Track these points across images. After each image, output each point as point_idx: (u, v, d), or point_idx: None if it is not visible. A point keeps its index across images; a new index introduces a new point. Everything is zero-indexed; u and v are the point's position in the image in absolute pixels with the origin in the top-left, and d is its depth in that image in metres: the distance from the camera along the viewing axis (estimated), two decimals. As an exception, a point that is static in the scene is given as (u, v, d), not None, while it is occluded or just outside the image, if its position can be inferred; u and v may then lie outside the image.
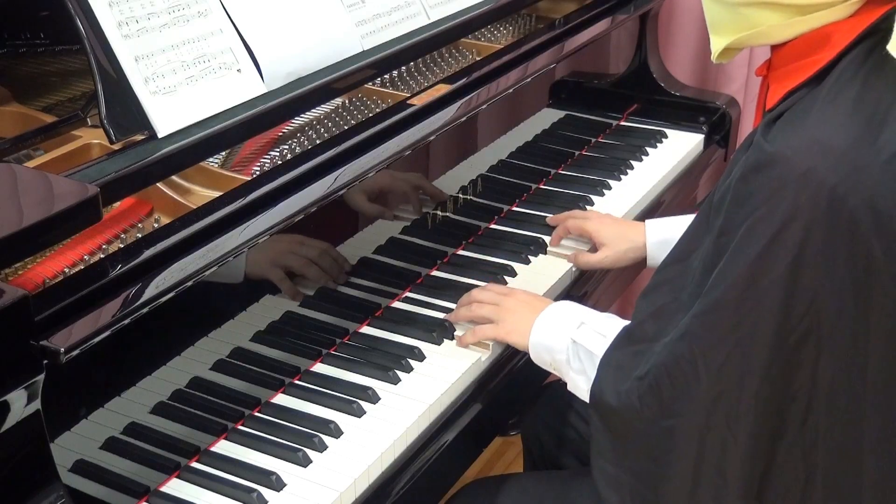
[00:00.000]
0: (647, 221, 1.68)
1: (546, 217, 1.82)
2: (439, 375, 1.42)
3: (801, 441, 1.08)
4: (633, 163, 2.03)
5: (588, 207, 1.87)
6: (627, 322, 1.30)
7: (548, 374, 1.44)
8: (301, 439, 1.29)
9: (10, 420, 1.00)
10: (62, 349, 1.03)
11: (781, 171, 1.02)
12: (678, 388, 1.11)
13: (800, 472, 1.09)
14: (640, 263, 1.69)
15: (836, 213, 0.99)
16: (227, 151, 1.39)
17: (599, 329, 1.33)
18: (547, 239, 1.75)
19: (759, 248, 1.03)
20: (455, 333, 1.50)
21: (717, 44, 1.18)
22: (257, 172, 1.35)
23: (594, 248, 1.71)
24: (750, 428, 1.08)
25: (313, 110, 1.50)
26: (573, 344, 1.34)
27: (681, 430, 1.13)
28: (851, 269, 1.00)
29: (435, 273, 1.66)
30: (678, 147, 2.12)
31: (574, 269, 1.70)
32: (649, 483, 1.17)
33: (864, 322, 1.02)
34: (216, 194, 1.27)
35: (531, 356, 1.42)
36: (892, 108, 1.01)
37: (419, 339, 1.48)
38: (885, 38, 1.02)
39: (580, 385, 1.33)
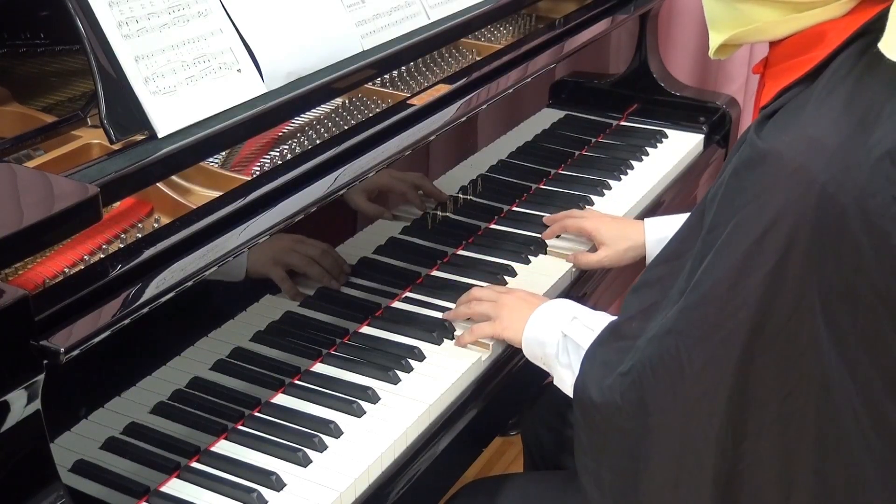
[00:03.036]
0: (646, 220, 1.68)
1: (546, 217, 1.82)
2: (439, 375, 1.42)
3: (791, 439, 1.07)
4: (633, 163, 2.03)
5: (588, 207, 1.87)
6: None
7: (548, 374, 1.44)
8: (301, 439, 1.29)
9: (10, 420, 1.00)
10: (62, 349, 1.03)
11: (772, 168, 1.02)
12: (661, 385, 1.11)
13: (778, 472, 1.09)
14: (640, 263, 1.69)
15: (825, 211, 0.99)
16: (227, 151, 1.39)
17: (589, 324, 1.33)
18: (548, 239, 1.75)
19: (747, 245, 1.03)
20: (455, 334, 1.50)
21: (714, 39, 1.18)
22: (257, 172, 1.35)
23: (594, 248, 1.71)
24: (732, 426, 1.08)
25: (313, 110, 1.50)
26: (563, 338, 1.34)
27: (662, 428, 1.13)
28: (839, 268, 1.00)
29: (435, 273, 1.66)
30: (678, 147, 2.12)
31: (574, 268, 1.70)
32: (629, 481, 1.17)
33: (852, 321, 1.02)
34: (216, 194, 1.27)
35: (524, 351, 1.42)
36: (885, 106, 1.01)
37: (419, 339, 1.48)
38: (879, 38, 1.02)
39: (566, 379, 1.33)
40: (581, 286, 1.70)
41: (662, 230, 1.64)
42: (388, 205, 1.60)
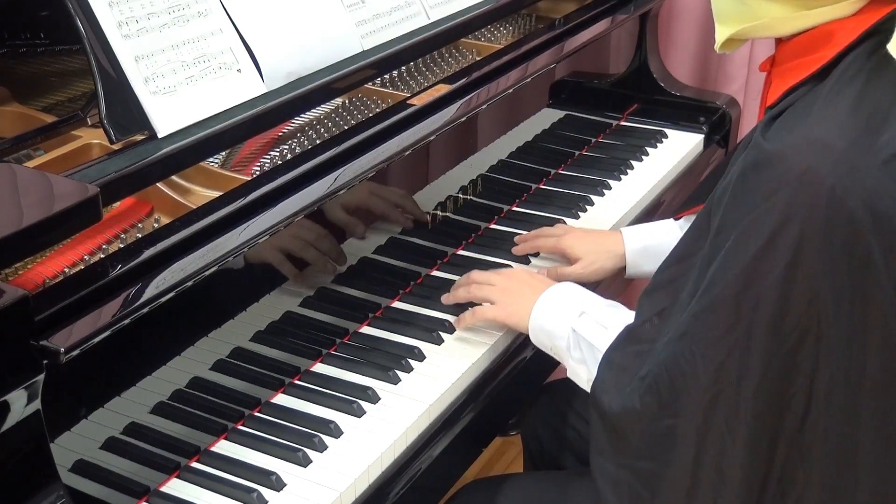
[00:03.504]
0: (623, 230, 1.66)
1: (547, 217, 1.82)
2: (439, 375, 1.42)
3: (799, 442, 1.07)
4: (633, 163, 2.03)
5: (588, 207, 1.87)
6: (629, 311, 1.29)
7: (548, 373, 1.44)
8: (301, 439, 1.29)
9: (10, 420, 1.00)
10: (62, 349, 1.03)
11: (780, 170, 1.01)
12: (677, 387, 1.11)
13: (798, 474, 1.09)
14: (622, 273, 1.66)
15: (834, 214, 0.99)
16: (227, 151, 1.39)
17: (601, 320, 1.32)
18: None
19: (756, 248, 1.03)
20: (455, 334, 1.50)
21: (721, 33, 1.18)
22: (257, 172, 1.35)
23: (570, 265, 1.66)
24: (748, 429, 1.08)
25: (313, 110, 1.50)
26: (574, 333, 1.34)
27: (680, 429, 1.12)
28: (849, 270, 1.00)
29: (435, 273, 1.66)
30: (678, 147, 2.12)
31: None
32: (648, 483, 1.17)
33: (862, 323, 1.02)
34: (216, 194, 1.27)
35: (531, 338, 1.41)
36: (893, 108, 1.01)
37: (419, 339, 1.48)
38: (888, 38, 1.02)
39: (580, 374, 1.33)
40: (581, 286, 1.70)
41: (641, 239, 1.63)
42: (378, 219, 1.59)
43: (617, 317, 1.31)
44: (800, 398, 1.05)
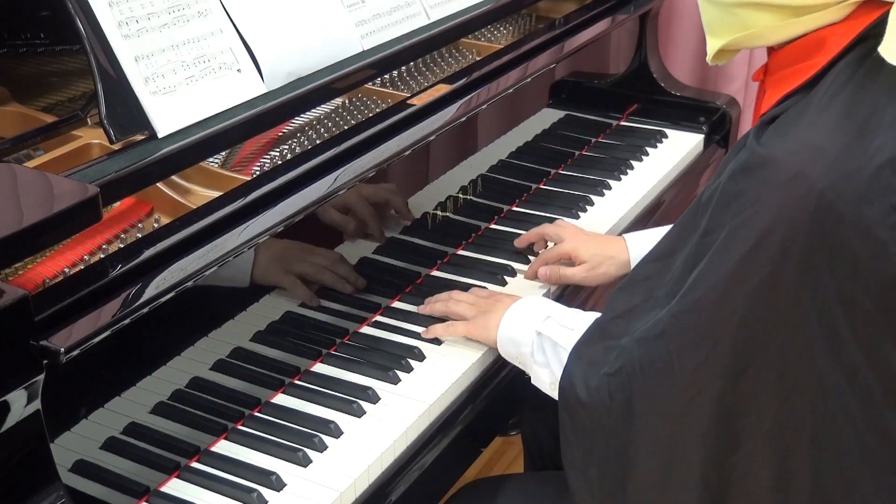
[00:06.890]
0: (625, 236, 1.66)
1: (547, 217, 1.82)
2: (439, 375, 1.42)
3: (780, 444, 1.07)
4: (633, 163, 2.03)
5: (588, 207, 1.87)
6: (595, 314, 1.29)
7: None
8: (301, 439, 1.29)
9: (10, 420, 1.00)
10: (62, 349, 1.03)
11: (770, 174, 1.01)
12: (652, 387, 1.11)
13: (774, 479, 1.08)
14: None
15: (822, 218, 0.98)
16: (227, 151, 1.39)
17: (565, 322, 1.32)
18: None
19: (743, 251, 1.02)
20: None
21: (712, 45, 1.18)
22: (257, 172, 1.35)
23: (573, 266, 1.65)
24: (724, 433, 1.07)
25: (313, 110, 1.50)
26: (538, 336, 1.34)
27: (652, 429, 1.12)
28: (835, 277, 0.99)
29: (435, 273, 1.66)
30: (678, 147, 2.12)
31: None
32: (617, 481, 1.17)
33: (850, 328, 1.01)
34: (216, 194, 1.27)
35: (500, 351, 1.42)
36: (886, 113, 1.00)
37: (419, 339, 1.48)
38: (879, 43, 1.01)
39: (543, 378, 1.33)
40: (579, 287, 1.70)
41: (645, 246, 1.62)
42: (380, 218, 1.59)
43: (583, 319, 1.30)
44: (786, 401, 1.05)
